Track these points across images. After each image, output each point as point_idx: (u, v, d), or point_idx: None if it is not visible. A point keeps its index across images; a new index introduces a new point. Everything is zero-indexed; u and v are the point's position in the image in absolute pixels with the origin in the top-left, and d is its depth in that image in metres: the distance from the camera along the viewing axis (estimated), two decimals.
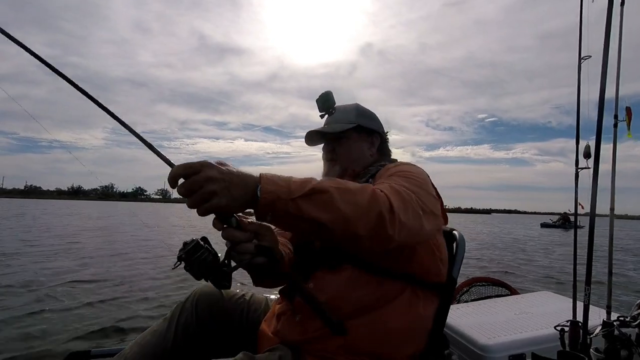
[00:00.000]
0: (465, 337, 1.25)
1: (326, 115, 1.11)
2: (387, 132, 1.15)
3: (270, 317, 1.00)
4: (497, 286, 1.85)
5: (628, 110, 1.29)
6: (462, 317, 1.42)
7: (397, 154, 1.14)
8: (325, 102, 1.08)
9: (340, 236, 0.67)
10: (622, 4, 1.16)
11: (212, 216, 0.66)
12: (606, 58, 0.73)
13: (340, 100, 1.12)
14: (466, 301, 1.77)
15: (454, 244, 1.02)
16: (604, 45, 0.75)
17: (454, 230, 1.06)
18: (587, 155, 1.30)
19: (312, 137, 1.10)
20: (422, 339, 0.90)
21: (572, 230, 0.90)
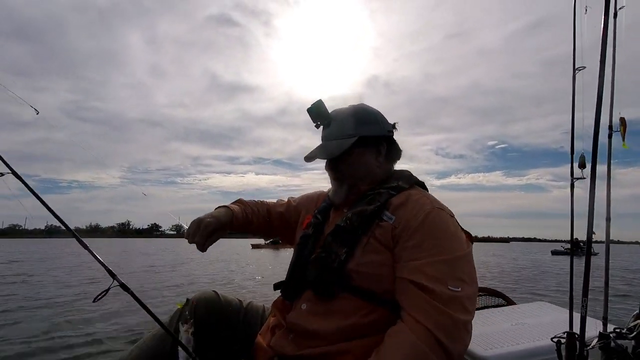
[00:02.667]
0: None
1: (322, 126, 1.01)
2: (395, 125, 1.02)
3: (266, 330, 1.00)
4: (494, 296, 1.83)
5: (622, 120, 1.29)
6: None
7: None
8: (318, 115, 0.98)
9: None
10: (615, 16, 1.18)
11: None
12: (603, 63, 0.74)
13: None
14: None
15: None
16: (601, 49, 0.75)
17: None
18: (582, 165, 1.31)
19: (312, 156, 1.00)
20: None
21: (583, 257, 0.88)
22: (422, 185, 1.02)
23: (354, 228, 0.89)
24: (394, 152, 1.03)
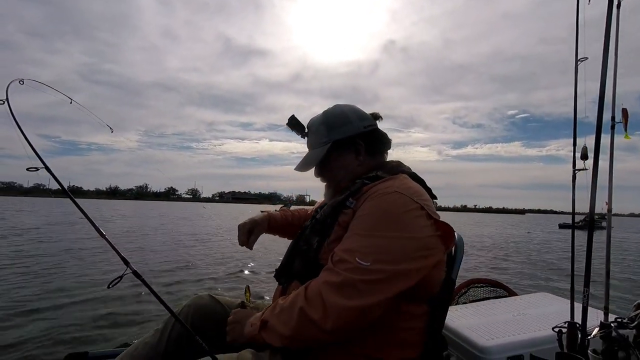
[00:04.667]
0: (463, 339, 1.25)
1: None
2: (377, 115, 1.05)
3: None
4: (495, 287, 1.85)
5: (624, 111, 1.30)
6: (460, 318, 1.41)
7: (422, 152, 1.05)
8: (295, 128, 1.06)
9: (300, 344, 0.79)
10: (619, 6, 1.17)
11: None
12: (606, 57, 0.73)
13: (364, 100, 1.04)
14: (464, 302, 1.77)
15: (453, 246, 1.02)
16: (604, 42, 0.75)
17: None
18: (584, 156, 1.31)
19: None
20: (421, 341, 0.90)
21: (607, 232, 0.88)
22: (412, 175, 0.98)
23: (325, 218, 0.93)
24: (378, 144, 1.02)
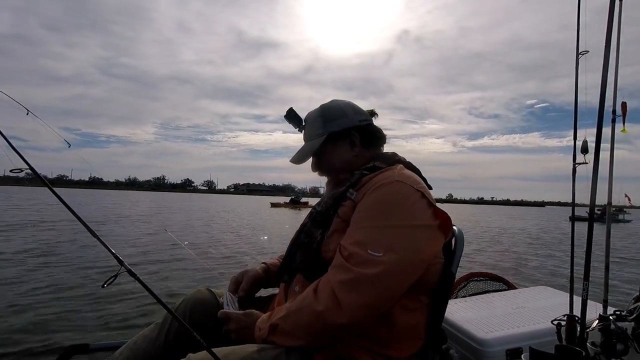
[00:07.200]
0: (463, 332, 1.26)
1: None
2: (373, 112, 1.07)
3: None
4: (495, 281, 1.86)
5: (623, 105, 1.29)
6: (460, 311, 1.42)
7: (437, 144, 1.05)
8: (292, 121, 1.07)
9: (314, 344, 0.79)
10: None
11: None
12: (608, 51, 0.73)
13: (377, 91, 1.04)
14: (464, 296, 1.78)
15: (453, 240, 1.02)
16: (607, 34, 0.74)
17: (453, 225, 1.06)
18: (584, 150, 1.30)
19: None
20: (421, 334, 0.90)
21: (607, 225, 0.88)
22: (408, 165, 0.99)
23: (327, 210, 0.94)
24: (373, 138, 1.04)
